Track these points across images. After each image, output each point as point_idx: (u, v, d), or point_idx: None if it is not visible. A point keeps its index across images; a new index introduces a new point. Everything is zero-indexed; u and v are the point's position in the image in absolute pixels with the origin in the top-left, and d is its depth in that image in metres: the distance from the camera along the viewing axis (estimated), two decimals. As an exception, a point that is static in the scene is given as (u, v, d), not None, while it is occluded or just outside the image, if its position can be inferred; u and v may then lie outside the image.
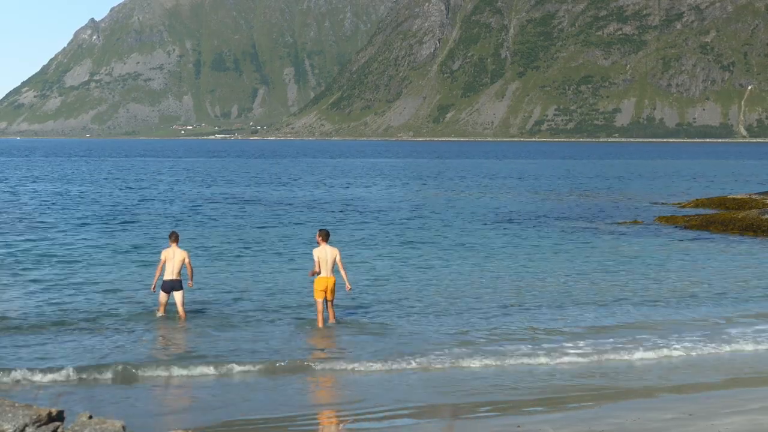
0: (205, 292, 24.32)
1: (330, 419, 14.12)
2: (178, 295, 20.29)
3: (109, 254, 31.80)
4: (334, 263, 19.77)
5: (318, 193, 68.77)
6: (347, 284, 20.17)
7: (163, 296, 20.42)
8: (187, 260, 20.26)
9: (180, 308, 20.38)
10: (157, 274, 20.45)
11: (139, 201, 59.04)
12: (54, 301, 22.77)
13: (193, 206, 55.17)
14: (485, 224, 44.58)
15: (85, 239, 36.34)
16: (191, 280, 20.61)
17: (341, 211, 51.88)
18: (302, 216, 48.85)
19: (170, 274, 20.10)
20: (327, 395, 15.83)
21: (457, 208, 54.47)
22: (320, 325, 19.85)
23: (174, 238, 20.51)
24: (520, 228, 42.71)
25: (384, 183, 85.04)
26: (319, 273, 19.71)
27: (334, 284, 19.88)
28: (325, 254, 19.64)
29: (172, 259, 20.10)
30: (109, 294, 23.90)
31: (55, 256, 30.96)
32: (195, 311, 21.70)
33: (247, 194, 67.32)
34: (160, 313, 20.57)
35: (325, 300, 19.86)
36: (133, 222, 44.34)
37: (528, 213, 51.52)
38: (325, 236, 20.03)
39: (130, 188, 74.14)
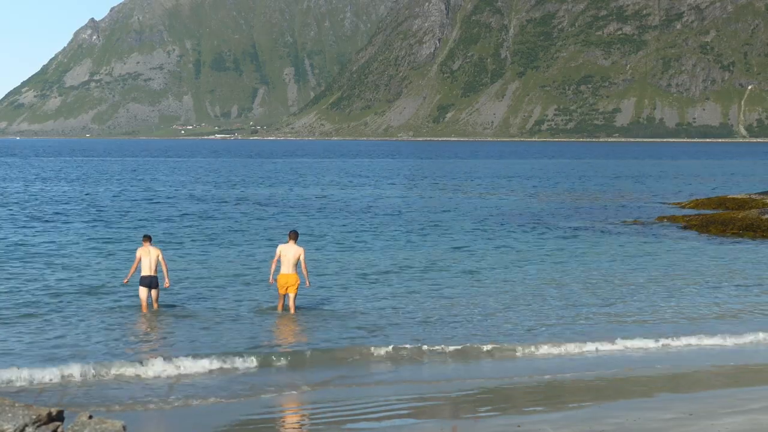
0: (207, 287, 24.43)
1: (329, 419, 14.09)
2: (153, 292, 21.68)
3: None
4: (297, 262, 21.17)
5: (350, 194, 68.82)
6: (307, 281, 21.61)
7: (143, 291, 21.64)
8: (161, 257, 21.59)
9: (154, 303, 21.74)
10: (133, 270, 21.75)
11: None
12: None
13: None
14: (485, 225, 44.56)
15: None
16: (167, 277, 21.77)
17: (344, 211, 51.95)
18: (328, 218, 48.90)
19: (148, 271, 21.47)
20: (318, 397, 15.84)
21: (458, 209, 54.47)
22: (280, 310, 21.60)
23: (147, 238, 21.92)
24: (519, 228, 42.70)
25: (403, 184, 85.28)
26: (277, 269, 21.32)
27: (296, 281, 21.23)
28: (287, 251, 21.17)
29: (148, 256, 21.43)
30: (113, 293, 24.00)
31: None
32: (192, 309, 21.96)
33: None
34: (143, 310, 21.62)
35: (287, 295, 21.34)
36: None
37: (527, 213, 51.51)
38: (295, 237, 21.57)
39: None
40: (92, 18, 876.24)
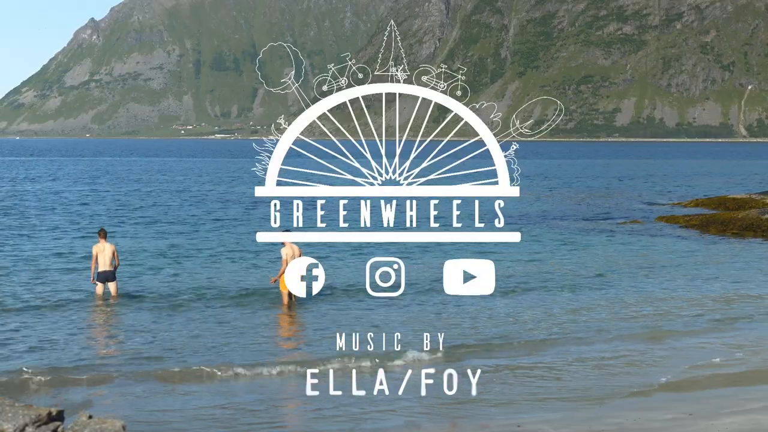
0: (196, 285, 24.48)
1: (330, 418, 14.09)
2: (112, 285, 22.72)
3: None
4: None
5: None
6: None
7: (99, 287, 22.65)
8: (114, 252, 22.64)
9: (114, 295, 22.73)
10: (93, 267, 22.71)
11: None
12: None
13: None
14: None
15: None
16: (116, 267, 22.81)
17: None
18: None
19: (103, 266, 22.49)
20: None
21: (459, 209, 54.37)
22: (285, 302, 22.59)
23: (102, 234, 22.73)
24: (519, 228, 42.62)
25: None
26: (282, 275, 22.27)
27: None
28: (291, 252, 22.28)
29: (103, 252, 22.41)
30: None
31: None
32: (189, 308, 22.05)
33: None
34: (98, 302, 22.45)
35: (290, 294, 22.35)
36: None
37: (527, 213, 51.48)
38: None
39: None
40: (92, 18, 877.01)
